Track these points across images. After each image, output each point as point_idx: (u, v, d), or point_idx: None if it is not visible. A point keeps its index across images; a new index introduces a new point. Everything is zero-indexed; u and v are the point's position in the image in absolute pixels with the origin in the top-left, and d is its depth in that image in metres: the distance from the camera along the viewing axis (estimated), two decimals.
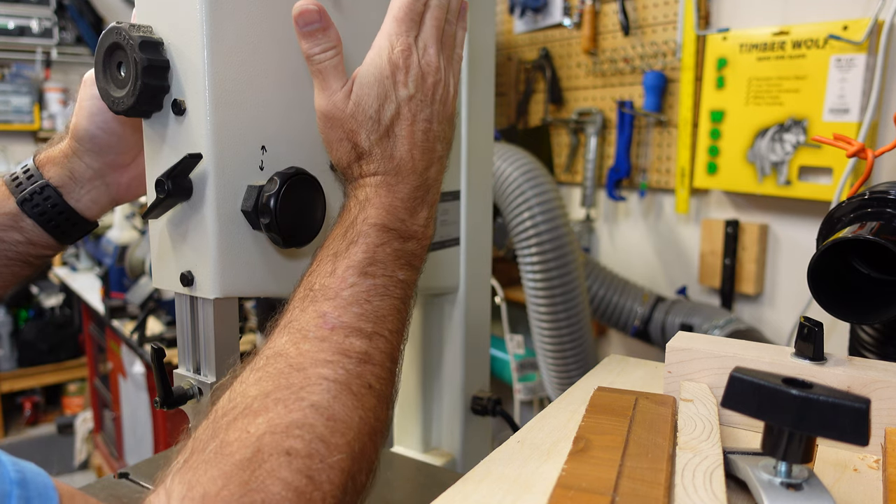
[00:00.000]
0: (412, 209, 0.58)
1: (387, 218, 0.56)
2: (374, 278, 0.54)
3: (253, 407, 0.46)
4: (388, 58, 0.58)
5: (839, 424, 0.39)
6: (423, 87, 0.59)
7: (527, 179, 1.60)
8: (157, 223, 0.63)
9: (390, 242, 0.56)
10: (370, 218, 0.56)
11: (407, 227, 0.58)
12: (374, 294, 0.53)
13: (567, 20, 2.03)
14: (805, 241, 1.62)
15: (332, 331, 0.50)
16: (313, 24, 0.57)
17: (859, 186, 0.72)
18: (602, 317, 1.83)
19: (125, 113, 0.58)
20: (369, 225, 0.55)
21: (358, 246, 0.54)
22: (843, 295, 0.66)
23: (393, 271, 0.55)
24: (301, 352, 0.49)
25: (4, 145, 4.03)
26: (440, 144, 0.61)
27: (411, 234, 0.58)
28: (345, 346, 0.50)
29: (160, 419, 2.18)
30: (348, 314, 0.52)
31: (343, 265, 0.54)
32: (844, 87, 1.42)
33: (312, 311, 0.52)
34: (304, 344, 0.50)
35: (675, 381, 0.63)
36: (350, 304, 0.52)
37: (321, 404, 0.46)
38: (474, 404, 0.97)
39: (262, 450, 0.43)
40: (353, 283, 0.53)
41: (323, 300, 0.52)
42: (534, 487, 0.48)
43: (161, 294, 2.15)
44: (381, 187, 0.57)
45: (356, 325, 0.51)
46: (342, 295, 0.52)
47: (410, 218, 0.58)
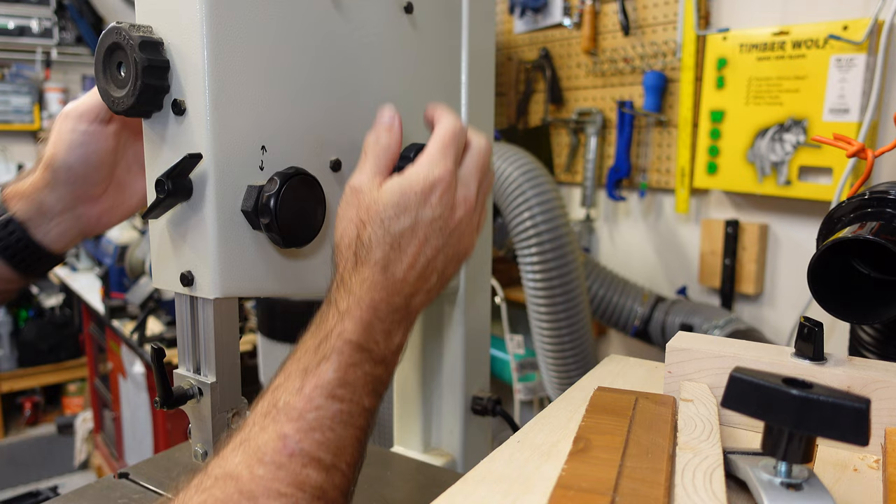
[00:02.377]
0: (388, 332, 0.56)
1: (363, 336, 0.54)
2: (341, 403, 0.51)
3: None
4: (427, 175, 0.57)
5: (839, 424, 0.39)
6: (449, 216, 0.58)
7: (527, 179, 1.60)
8: (157, 223, 0.63)
9: (362, 364, 0.53)
10: (346, 333, 0.53)
11: (380, 350, 0.55)
12: (339, 421, 0.51)
13: (567, 20, 2.03)
14: (805, 241, 1.62)
15: (290, 457, 0.48)
16: (386, 122, 0.61)
17: (859, 186, 0.72)
18: (602, 317, 1.83)
19: (125, 113, 0.58)
20: (344, 341, 0.53)
21: (330, 363, 0.52)
22: (843, 295, 0.66)
23: (360, 397, 0.53)
24: (254, 477, 0.47)
25: (4, 145, 4.03)
26: (436, 278, 0.59)
27: (382, 359, 0.55)
28: (301, 477, 0.48)
29: (160, 419, 2.18)
30: (309, 441, 0.49)
31: (312, 384, 0.51)
32: (844, 87, 1.42)
33: (273, 431, 0.49)
34: (259, 468, 0.47)
35: (675, 381, 0.63)
36: (313, 430, 0.50)
37: None
38: (474, 404, 0.97)
39: None
40: (318, 405, 0.51)
41: (286, 420, 0.50)
42: (534, 487, 0.48)
43: (161, 294, 2.16)
44: (364, 299, 0.55)
45: (316, 454, 0.49)
46: (306, 417, 0.50)
47: (385, 341, 0.55)
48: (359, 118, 0.71)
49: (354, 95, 0.70)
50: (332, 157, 0.68)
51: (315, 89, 0.66)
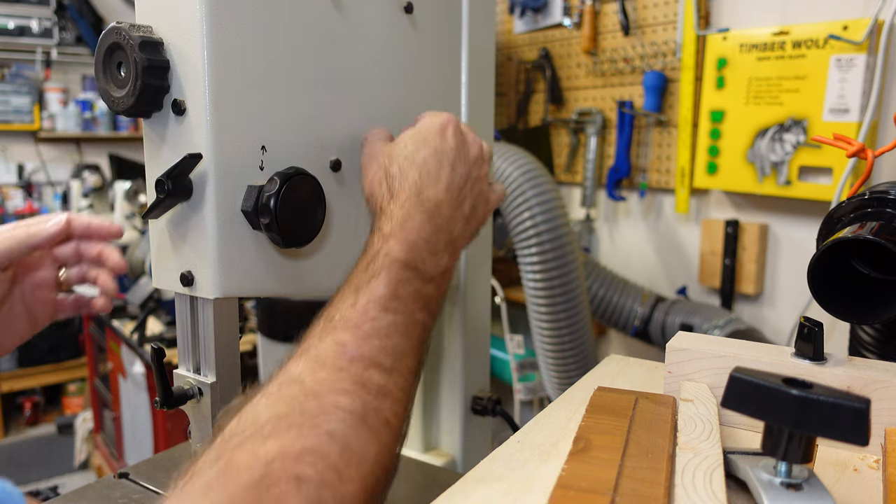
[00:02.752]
0: (434, 252, 0.58)
1: (409, 255, 0.56)
2: (394, 314, 0.53)
3: (264, 431, 0.44)
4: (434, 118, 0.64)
5: (839, 424, 0.39)
6: (465, 149, 0.64)
7: (527, 179, 1.60)
8: (157, 223, 0.63)
9: (411, 281, 0.55)
10: (392, 252, 0.55)
11: (428, 269, 0.57)
12: (394, 331, 0.52)
13: (567, 20, 2.03)
14: (805, 241, 1.62)
15: (350, 361, 0.49)
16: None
17: (859, 186, 0.72)
18: (602, 317, 1.83)
19: (125, 113, 0.58)
20: (391, 259, 0.55)
21: (379, 280, 0.54)
22: (843, 295, 0.66)
23: (413, 311, 0.54)
24: (318, 380, 0.48)
25: (4, 145, 4.02)
26: (469, 207, 0.63)
27: (431, 277, 0.57)
28: (363, 377, 0.48)
29: (160, 419, 2.18)
30: (368, 346, 0.50)
31: (364, 298, 0.53)
32: (844, 87, 1.42)
33: (331, 340, 0.50)
34: (321, 372, 0.48)
35: (675, 381, 0.63)
36: (370, 337, 0.51)
37: (337, 433, 0.45)
38: (474, 404, 0.97)
39: (271, 474, 0.41)
40: (374, 316, 0.52)
41: (343, 330, 0.51)
42: (534, 487, 0.48)
43: (161, 294, 2.16)
44: (406, 221, 0.57)
45: (376, 358, 0.50)
46: (363, 327, 0.51)
47: (431, 260, 0.57)
48: (359, 118, 0.71)
49: (354, 95, 0.70)
50: (332, 157, 0.68)
51: (315, 89, 0.66)
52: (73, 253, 0.75)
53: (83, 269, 0.76)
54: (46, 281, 0.75)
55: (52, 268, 0.75)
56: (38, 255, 0.73)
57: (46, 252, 0.74)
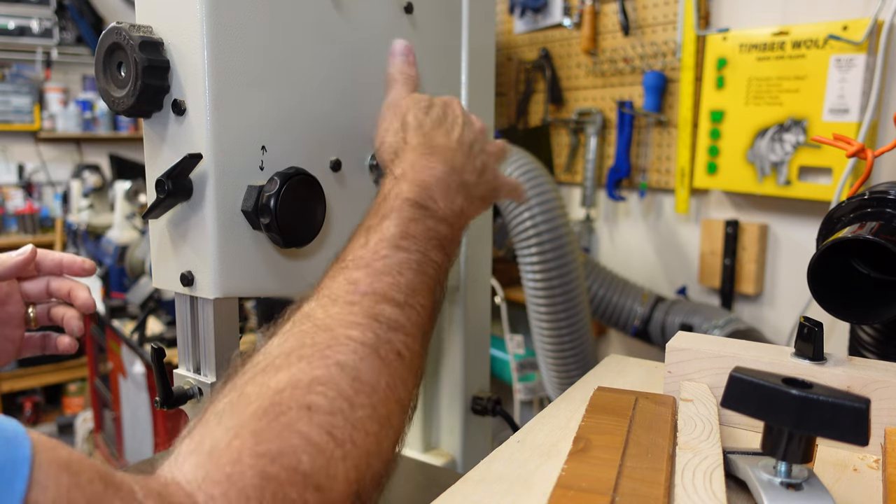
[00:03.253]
0: (447, 193, 0.58)
1: (420, 194, 0.56)
2: (407, 252, 0.53)
3: (275, 363, 0.45)
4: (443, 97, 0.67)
5: (839, 424, 0.39)
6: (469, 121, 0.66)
7: (527, 179, 1.60)
8: (157, 223, 0.63)
9: (423, 220, 0.56)
10: (403, 193, 0.56)
11: (440, 208, 0.57)
12: (407, 268, 0.52)
13: (567, 20, 2.03)
14: (805, 241, 1.62)
15: (362, 296, 0.49)
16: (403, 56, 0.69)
17: (859, 186, 0.72)
18: (602, 317, 1.83)
19: (125, 113, 0.58)
20: (402, 199, 0.56)
21: (390, 220, 0.54)
22: (843, 295, 0.66)
23: (426, 249, 0.55)
24: (329, 314, 0.48)
25: (4, 145, 4.02)
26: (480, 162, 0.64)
27: (444, 217, 0.57)
28: (375, 311, 0.49)
29: (160, 419, 2.18)
30: (380, 282, 0.51)
31: (375, 238, 0.53)
32: (844, 88, 1.42)
33: (343, 278, 0.51)
34: (333, 307, 0.49)
35: (675, 381, 0.63)
36: (382, 274, 0.51)
37: (347, 363, 0.45)
38: (474, 404, 0.97)
39: (282, 402, 0.41)
40: (385, 254, 0.52)
41: (354, 269, 0.52)
42: (534, 487, 0.48)
43: (161, 294, 2.15)
44: (418, 161, 0.58)
45: (388, 293, 0.50)
46: (374, 265, 0.52)
47: (444, 200, 0.58)
48: (359, 118, 0.71)
49: (354, 95, 0.70)
50: (332, 157, 0.68)
51: (315, 89, 0.66)
52: (42, 290, 0.73)
53: (52, 306, 0.74)
54: (14, 318, 0.72)
55: (20, 304, 0.72)
56: (5, 291, 0.71)
57: (15, 288, 0.72)
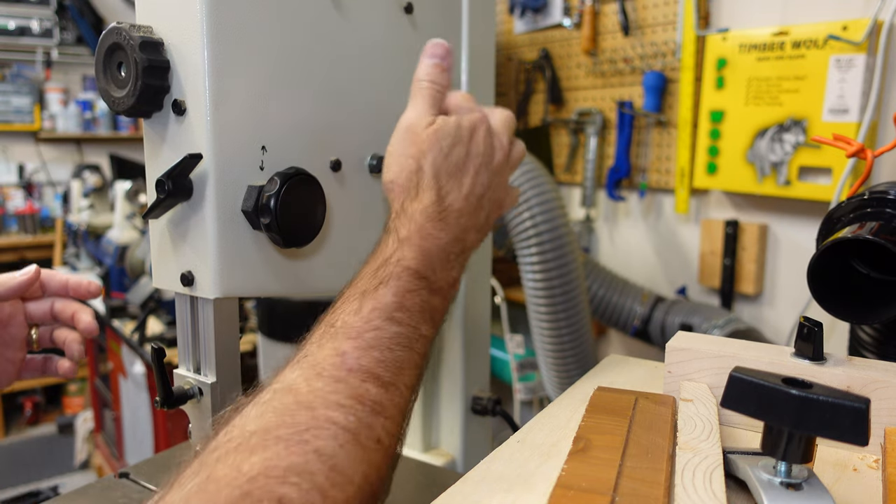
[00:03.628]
0: (446, 262, 0.57)
1: (422, 264, 0.54)
2: (399, 326, 0.51)
3: (250, 443, 0.42)
4: (472, 117, 0.61)
5: (839, 424, 0.39)
6: (491, 156, 0.61)
7: (527, 179, 1.60)
8: (157, 223, 0.63)
9: (420, 292, 0.54)
10: (405, 260, 0.54)
11: (437, 279, 0.56)
12: (397, 343, 0.51)
13: (567, 20, 2.03)
14: (805, 241, 1.62)
15: (349, 372, 0.47)
16: (438, 58, 0.62)
17: (859, 186, 0.72)
18: (602, 317, 1.83)
19: (125, 113, 0.58)
20: (403, 267, 0.53)
21: (388, 288, 0.52)
22: (843, 295, 0.66)
23: (418, 323, 0.53)
24: (312, 389, 0.46)
25: (5, 145, 4.03)
26: (484, 217, 0.61)
27: (439, 289, 0.56)
28: (360, 391, 0.47)
29: (160, 419, 2.18)
30: (368, 358, 0.48)
31: (370, 305, 0.51)
32: (844, 88, 1.42)
33: (331, 348, 0.49)
34: (318, 382, 0.46)
35: (675, 381, 0.63)
36: (372, 348, 0.49)
37: (326, 451, 0.43)
38: (474, 404, 0.97)
39: (252, 493, 0.39)
40: (377, 326, 0.50)
41: (344, 338, 0.49)
42: (534, 487, 0.48)
43: (161, 294, 2.16)
44: (425, 227, 0.56)
45: (375, 371, 0.48)
46: (365, 336, 0.49)
47: (442, 271, 0.56)
48: (359, 118, 0.71)
49: (354, 95, 0.70)
50: (332, 157, 0.68)
51: (315, 89, 0.66)
52: (47, 311, 0.72)
53: (55, 328, 0.73)
54: (16, 339, 0.71)
55: (23, 326, 0.71)
56: (8, 312, 0.70)
57: (19, 309, 0.71)
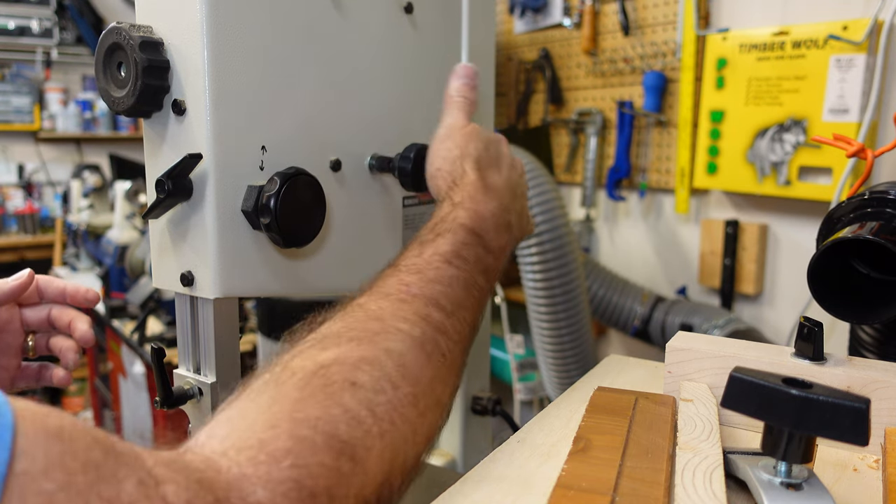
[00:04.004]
0: (497, 228, 0.61)
1: (476, 223, 0.59)
2: (457, 269, 0.55)
3: (323, 342, 0.45)
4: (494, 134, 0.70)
5: (839, 424, 0.39)
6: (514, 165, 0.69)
7: (527, 179, 1.60)
8: (157, 223, 0.63)
9: (475, 246, 0.58)
10: (460, 218, 0.58)
11: (490, 240, 0.60)
12: (456, 282, 0.54)
13: (567, 20, 2.03)
14: (805, 241, 1.62)
15: (413, 297, 0.51)
16: (468, 78, 0.70)
17: (859, 186, 0.72)
18: (602, 317, 1.83)
19: (125, 113, 0.58)
20: (458, 224, 0.58)
21: (445, 239, 0.56)
22: (843, 295, 0.66)
23: (474, 272, 0.56)
24: (381, 307, 0.50)
25: (4, 145, 4.02)
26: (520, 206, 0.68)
27: (492, 249, 0.60)
28: (424, 312, 0.50)
29: (160, 419, 2.18)
30: (431, 289, 0.52)
31: (430, 251, 0.55)
32: (844, 88, 1.42)
33: (396, 279, 0.53)
34: (385, 301, 0.50)
35: (675, 381, 0.63)
36: (433, 282, 0.53)
37: (394, 350, 0.46)
38: (474, 404, 0.97)
39: (326, 375, 0.42)
40: (437, 266, 0.54)
41: (407, 273, 0.53)
42: (534, 487, 0.48)
43: (161, 294, 2.15)
44: (476, 194, 0.61)
45: (437, 300, 0.52)
46: (426, 273, 0.53)
47: (494, 232, 0.60)
48: (359, 118, 0.71)
49: (355, 95, 0.70)
50: (332, 157, 0.68)
51: (315, 89, 0.66)
52: (44, 318, 0.71)
53: (52, 336, 0.72)
54: (12, 347, 0.71)
55: (19, 333, 0.70)
56: (4, 318, 0.69)
57: (15, 315, 0.70)
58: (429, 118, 0.82)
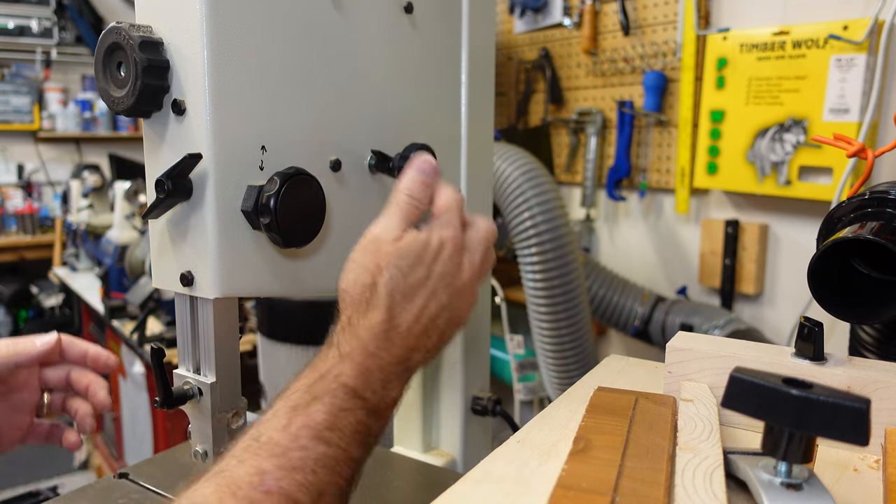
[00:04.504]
0: (386, 383, 0.54)
1: (360, 383, 0.52)
2: (327, 446, 0.49)
3: None
4: (439, 234, 0.58)
5: (839, 424, 0.39)
6: (456, 275, 0.58)
7: (527, 179, 1.60)
8: (157, 223, 0.63)
9: (355, 411, 0.51)
10: (343, 376, 0.52)
11: (375, 400, 0.53)
12: (322, 465, 0.48)
13: (567, 20, 2.03)
14: (805, 241, 1.62)
15: (266, 494, 0.45)
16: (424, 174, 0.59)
17: (859, 186, 0.72)
18: (602, 317, 1.83)
19: (125, 113, 0.58)
20: (339, 384, 0.51)
21: (321, 404, 0.50)
22: (843, 295, 0.66)
23: (349, 445, 0.50)
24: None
25: (4, 145, 4.03)
26: (436, 338, 0.58)
27: (376, 409, 0.53)
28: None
29: (160, 419, 2.18)
30: (289, 480, 0.46)
31: (299, 422, 0.49)
32: (844, 87, 1.42)
33: (251, 465, 0.46)
34: (231, 501, 0.44)
35: (675, 381, 0.63)
36: (295, 469, 0.47)
37: None
38: (474, 404, 0.97)
39: None
40: (304, 445, 0.48)
41: (267, 456, 0.47)
42: (534, 487, 0.48)
43: (161, 294, 2.15)
44: (369, 346, 0.53)
45: (295, 495, 0.46)
46: (289, 455, 0.47)
47: (382, 391, 0.54)
48: (359, 118, 0.71)
49: (354, 95, 0.70)
50: (332, 157, 0.68)
51: (315, 89, 0.66)
52: (63, 378, 0.70)
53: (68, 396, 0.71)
54: (27, 404, 0.69)
55: (36, 391, 0.69)
56: (24, 377, 0.68)
57: (35, 374, 0.69)
58: (429, 118, 0.82)
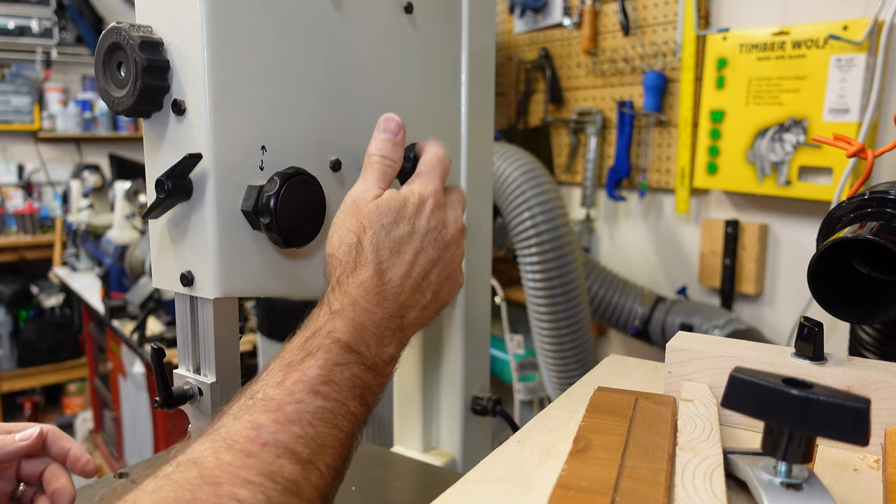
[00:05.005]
0: (381, 339, 0.54)
1: (354, 337, 0.52)
2: (324, 400, 0.48)
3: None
4: (421, 190, 0.59)
5: (839, 424, 0.39)
6: (442, 230, 0.59)
7: (527, 179, 1.60)
8: (157, 223, 0.63)
9: (350, 366, 0.51)
10: (336, 332, 0.51)
11: (371, 355, 0.53)
12: (320, 418, 0.47)
13: (567, 20, 2.03)
14: (805, 241, 1.63)
15: (262, 447, 0.44)
16: (391, 133, 0.61)
17: (859, 186, 0.72)
18: (602, 317, 1.83)
19: (125, 113, 0.58)
20: (333, 339, 0.51)
21: (315, 360, 0.49)
22: (843, 295, 0.66)
23: (346, 399, 0.49)
24: (220, 464, 0.42)
25: (4, 145, 4.03)
26: (431, 295, 0.58)
27: (373, 365, 0.53)
28: (273, 467, 0.43)
29: (160, 419, 2.18)
30: (286, 432, 0.45)
31: (293, 378, 0.48)
32: (844, 87, 1.42)
33: (247, 420, 0.45)
34: (227, 455, 0.43)
35: (675, 381, 0.63)
36: (291, 422, 0.46)
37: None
38: (474, 404, 0.97)
39: None
40: (299, 399, 0.47)
41: (262, 411, 0.46)
42: (534, 487, 0.48)
43: (161, 294, 2.16)
44: (359, 301, 0.53)
45: (292, 446, 0.45)
46: (284, 409, 0.46)
47: (377, 347, 0.53)
48: (359, 118, 0.71)
49: (354, 95, 0.70)
50: (332, 157, 0.68)
51: (315, 89, 0.66)
52: (39, 472, 0.68)
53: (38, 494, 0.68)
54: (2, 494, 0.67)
55: (11, 482, 0.67)
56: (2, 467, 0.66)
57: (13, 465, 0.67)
58: (429, 118, 0.82)
